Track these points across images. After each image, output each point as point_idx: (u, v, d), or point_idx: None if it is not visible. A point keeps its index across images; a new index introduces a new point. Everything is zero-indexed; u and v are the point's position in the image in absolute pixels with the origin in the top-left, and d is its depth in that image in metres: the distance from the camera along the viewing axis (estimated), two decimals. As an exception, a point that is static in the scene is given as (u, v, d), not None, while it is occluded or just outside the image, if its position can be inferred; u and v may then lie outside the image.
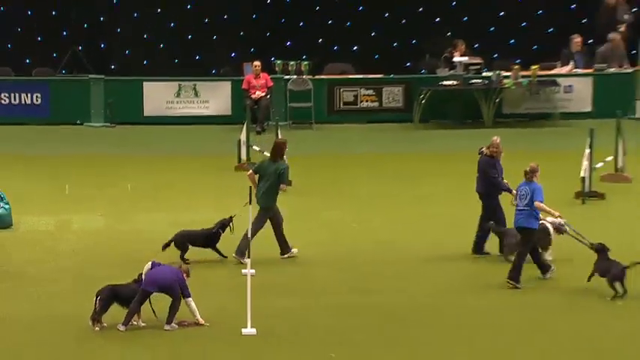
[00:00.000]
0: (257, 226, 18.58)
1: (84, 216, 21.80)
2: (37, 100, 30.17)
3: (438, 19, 33.03)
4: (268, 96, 29.38)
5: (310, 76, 30.13)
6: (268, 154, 23.78)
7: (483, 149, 19.36)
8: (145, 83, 30.50)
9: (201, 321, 15.99)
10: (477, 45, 31.43)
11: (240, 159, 24.93)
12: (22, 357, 15.06)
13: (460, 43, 30.63)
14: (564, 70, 30.67)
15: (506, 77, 29.54)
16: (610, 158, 23.30)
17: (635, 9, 31.40)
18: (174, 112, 30.28)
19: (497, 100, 29.58)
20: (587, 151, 22.06)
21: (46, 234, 20.78)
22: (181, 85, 30.40)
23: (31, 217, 21.43)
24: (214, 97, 30.42)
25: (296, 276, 18.35)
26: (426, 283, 18.16)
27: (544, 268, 18.00)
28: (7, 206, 20.92)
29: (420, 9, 33.13)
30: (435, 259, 19.34)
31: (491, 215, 19.11)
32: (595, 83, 30.22)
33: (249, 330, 15.55)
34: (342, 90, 30.49)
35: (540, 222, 17.92)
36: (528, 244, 17.83)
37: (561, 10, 32.88)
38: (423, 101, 29.69)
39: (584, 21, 32.02)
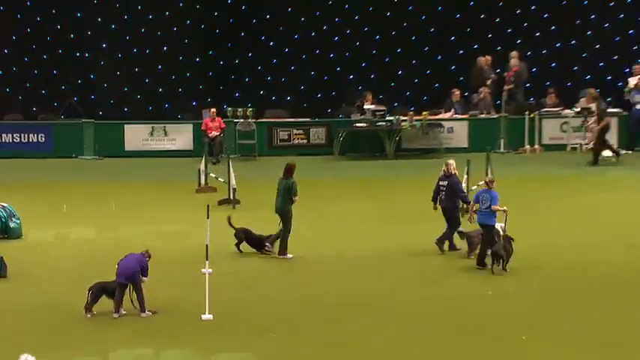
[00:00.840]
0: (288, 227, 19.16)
1: (79, 228, 21.64)
2: (41, 139, 30.04)
3: (351, 77, 33.22)
4: (222, 135, 29.41)
5: (254, 120, 30.18)
6: (222, 180, 24.01)
7: (452, 171, 19.45)
8: (125, 125, 30.43)
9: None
10: (381, 96, 31.63)
11: (200, 184, 24.82)
12: (32, 336, 14.99)
13: (369, 95, 30.84)
14: (447, 115, 30.96)
15: (404, 121, 29.73)
16: (482, 182, 23.37)
17: (498, 70, 31.75)
18: (148, 148, 30.22)
19: (397, 138, 29.79)
20: (465, 176, 22.16)
21: (48, 242, 20.62)
22: (154, 127, 30.38)
23: (37, 229, 21.22)
24: (180, 136, 30.40)
25: (250, 275, 18.24)
26: (358, 278, 18.16)
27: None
28: (18, 221, 20.75)
29: (338, 68, 33.35)
30: (366, 259, 19.30)
31: (455, 223, 19.16)
32: (470, 126, 30.51)
33: (207, 316, 15.55)
34: (278, 130, 30.57)
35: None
36: (492, 235, 18.10)
37: (444, 70, 33.21)
38: (341, 139, 29.89)
39: (461, 79, 32.33)
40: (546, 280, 17.86)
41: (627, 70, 31.29)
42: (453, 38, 33.29)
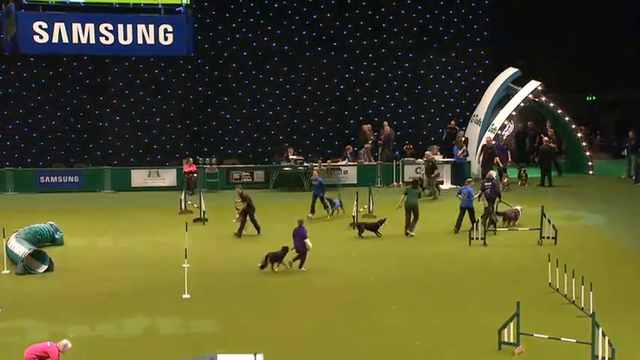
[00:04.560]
0: (415, 214, 20.69)
1: (101, 238, 21.64)
2: (76, 180, 29.50)
3: (281, 138, 33.46)
4: (195, 176, 29.23)
5: (216, 166, 30.05)
6: (196, 205, 23.93)
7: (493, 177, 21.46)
8: (132, 170, 30.08)
9: (310, 245, 16.84)
10: (300, 150, 31.73)
11: (181, 208, 24.74)
12: (69, 310, 14.96)
13: (292, 149, 30.90)
14: (343, 162, 30.95)
15: (315, 166, 29.63)
16: (366, 206, 23.66)
17: (376, 133, 31.99)
18: (147, 184, 29.71)
19: (311, 177, 29.82)
20: (355, 203, 22.34)
21: (82, 248, 20.60)
22: (150, 171, 30.00)
23: (74, 239, 21.19)
24: (168, 177, 30.06)
25: (215, 268, 18.22)
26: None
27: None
28: (61, 233, 20.82)
29: (272, 132, 33.56)
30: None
31: (493, 204, 20.79)
32: (358, 169, 30.52)
33: (186, 295, 15.73)
34: (232, 172, 30.26)
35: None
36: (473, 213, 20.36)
37: (342, 133, 33.49)
38: (274, 178, 29.81)
39: (352, 139, 32.55)
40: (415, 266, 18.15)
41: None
42: (346, 112, 33.77)
